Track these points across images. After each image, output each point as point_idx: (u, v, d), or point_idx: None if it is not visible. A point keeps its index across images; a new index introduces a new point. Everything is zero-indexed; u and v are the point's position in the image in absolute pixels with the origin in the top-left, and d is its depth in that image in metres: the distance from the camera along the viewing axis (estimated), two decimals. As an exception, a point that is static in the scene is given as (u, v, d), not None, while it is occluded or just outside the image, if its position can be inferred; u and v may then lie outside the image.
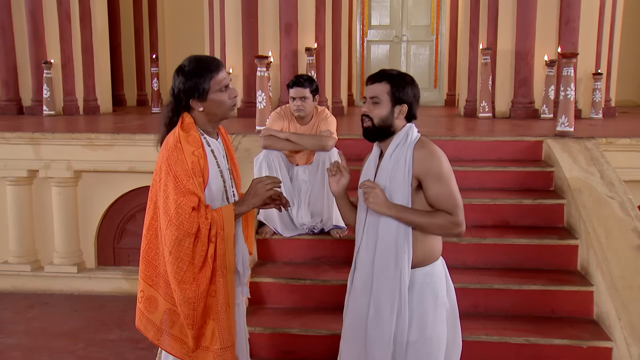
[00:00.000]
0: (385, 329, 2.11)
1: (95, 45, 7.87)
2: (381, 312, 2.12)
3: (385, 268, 2.12)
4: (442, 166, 2.08)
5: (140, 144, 5.14)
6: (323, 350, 3.17)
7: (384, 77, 2.14)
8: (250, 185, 2.16)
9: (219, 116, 2.11)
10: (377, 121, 2.13)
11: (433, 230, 2.11)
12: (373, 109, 2.14)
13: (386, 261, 2.12)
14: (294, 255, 3.79)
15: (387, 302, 2.11)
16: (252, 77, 6.35)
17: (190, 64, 2.06)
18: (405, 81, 2.15)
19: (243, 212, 2.14)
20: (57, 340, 4.46)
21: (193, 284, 2.01)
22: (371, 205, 2.08)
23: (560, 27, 6.57)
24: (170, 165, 1.99)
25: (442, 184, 2.07)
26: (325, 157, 3.68)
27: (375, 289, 2.14)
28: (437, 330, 2.14)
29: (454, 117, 7.24)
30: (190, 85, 2.03)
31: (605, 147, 4.49)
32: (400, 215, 2.08)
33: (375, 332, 2.13)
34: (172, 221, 1.97)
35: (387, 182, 2.13)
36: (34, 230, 5.67)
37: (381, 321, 2.12)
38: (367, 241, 2.18)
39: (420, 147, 2.11)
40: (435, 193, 2.08)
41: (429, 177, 2.07)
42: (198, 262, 2.02)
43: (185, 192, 1.97)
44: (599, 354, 3.08)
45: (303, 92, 3.63)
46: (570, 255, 3.65)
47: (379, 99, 2.13)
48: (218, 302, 2.07)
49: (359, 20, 9.76)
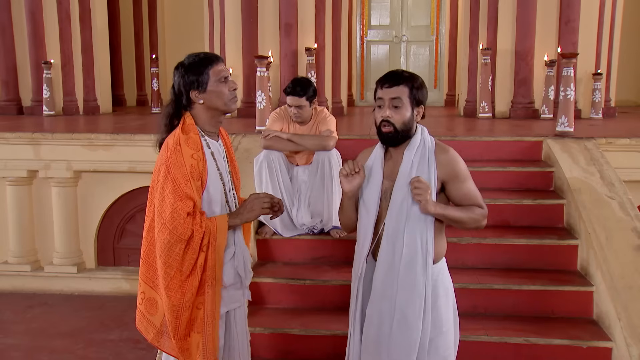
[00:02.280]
0: (413, 332, 2.09)
1: (95, 45, 7.87)
2: (408, 316, 2.09)
3: (411, 272, 2.09)
4: (464, 167, 2.15)
5: (140, 144, 5.14)
6: (323, 351, 3.17)
7: (402, 79, 2.10)
8: (248, 199, 2.16)
9: (220, 109, 2.10)
10: (400, 126, 2.10)
11: (470, 225, 2.15)
12: (394, 114, 2.09)
13: (413, 265, 2.09)
14: (294, 255, 3.79)
15: (414, 306, 2.09)
16: (252, 77, 6.36)
17: (189, 58, 2.09)
18: (420, 82, 2.13)
19: (236, 225, 2.13)
20: (57, 340, 4.46)
21: (179, 292, 1.99)
22: (422, 203, 2.03)
23: (560, 27, 6.57)
24: (169, 167, 1.98)
25: (467, 183, 2.15)
26: (325, 157, 3.69)
27: (399, 293, 2.11)
28: (451, 324, 2.19)
29: (453, 117, 7.24)
30: (190, 76, 2.05)
31: (605, 147, 4.49)
32: (445, 213, 2.09)
33: (403, 337, 2.10)
34: (166, 225, 1.96)
35: (409, 187, 2.08)
36: (33, 231, 5.67)
37: (409, 325, 2.09)
38: (386, 248, 2.13)
39: (441, 152, 2.15)
40: (464, 192, 2.14)
41: (456, 179, 2.13)
42: (186, 269, 1.99)
43: (183, 196, 1.96)
44: (599, 354, 3.08)
45: (299, 102, 3.64)
46: (570, 256, 3.65)
47: (400, 102, 2.09)
48: (205, 314, 2.05)
49: (359, 20, 9.76)
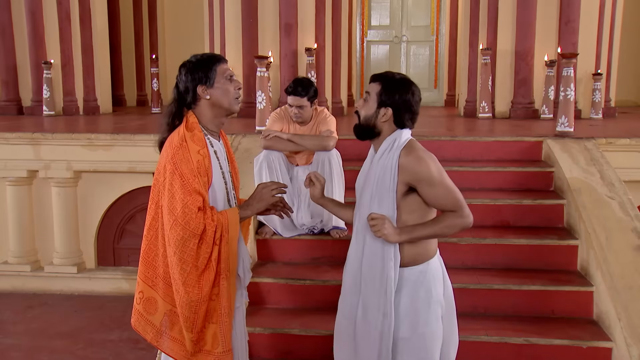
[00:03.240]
0: (372, 328, 2.14)
1: (95, 45, 7.87)
2: (368, 313, 2.15)
3: (372, 272, 2.14)
4: (430, 170, 2.06)
5: (140, 144, 5.14)
6: (323, 351, 3.16)
7: (379, 78, 2.15)
8: (256, 190, 2.18)
9: (224, 107, 2.12)
10: (362, 119, 2.17)
11: (447, 233, 2.12)
12: (361, 105, 2.17)
13: (373, 266, 2.14)
14: (294, 255, 3.79)
15: (374, 304, 2.14)
16: (252, 78, 6.35)
17: (196, 56, 2.12)
18: (396, 85, 2.11)
19: (247, 217, 2.16)
20: (57, 341, 4.46)
21: (196, 287, 2.00)
22: (383, 237, 2.06)
23: (560, 27, 6.57)
24: (175, 163, 1.98)
25: (436, 187, 2.07)
26: (324, 157, 3.68)
27: (363, 290, 2.17)
28: (432, 327, 2.16)
29: (453, 118, 7.24)
30: (198, 72, 2.07)
31: (605, 147, 4.49)
32: (412, 237, 2.08)
33: (363, 332, 2.17)
34: (178, 221, 1.96)
35: (374, 188, 2.13)
36: (33, 231, 5.67)
37: (368, 321, 2.15)
38: (356, 245, 2.21)
39: (406, 154, 2.08)
40: (433, 196, 2.08)
41: (422, 183, 2.07)
42: (201, 264, 2.01)
43: (192, 191, 1.97)
44: (599, 354, 3.07)
45: (300, 102, 3.64)
46: (570, 256, 3.65)
47: (368, 96, 2.15)
48: (221, 305, 2.06)
49: (359, 20, 9.76)
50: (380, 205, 2.11)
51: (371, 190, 2.14)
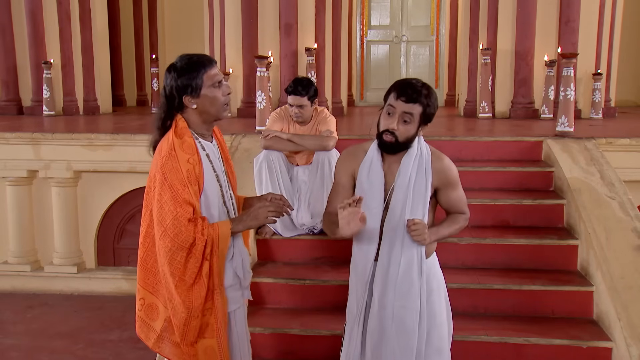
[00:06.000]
0: (410, 339, 2.19)
1: (95, 45, 7.87)
2: (406, 323, 2.19)
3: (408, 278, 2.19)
4: (457, 174, 2.25)
5: (140, 144, 5.13)
6: (323, 351, 3.16)
7: (419, 98, 2.13)
8: (254, 206, 2.12)
9: (213, 115, 2.06)
10: (402, 139, 2.17)
11: (456, 234, 2.31)
12: (401, 127, 2.14)
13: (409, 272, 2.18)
14: (294, 255, 3.79)
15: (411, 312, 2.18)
16: (252, 77, 6.35)
17: (182, 60, 2.02)
18: (434, 101, 2.17)
19: (239, 231, 2.11)
20: (57, 341, 4.47)
21: (187, 300, 1.97)
22: (422, 242, 2.15)
23: (560, 27, 6.56)
24: (165, 174, 1.94)
25: (457, 190, 2.26)
26: (324, 157, 3.69)
27: (397, 300, 2.20)
28: (443, 317, 2.28)
29: (453, 117, 7.24)
30: (183, 81, 1.98)
31: (605, 147, 4.49)
32: (437, 238, 2.24)
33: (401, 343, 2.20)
34: (167, 232, 1.93)
35: (408, 197, 2.18)
36: (33, 231, 5.67)
37: (407, 332, 2.19)
38: (386, 253, 2.21)
39: (436, 160, 2.23)
40: (453, 199, 2.27)
41: (449, 186, 2.24)
42: (189, 278, 1.97)
43: (182, 201, 1.92)
44: (599, 354, 3.07)
45: (300, 101, 3.64)
46: (570, 256, 3.65)
47: (411, 118, 2.14)
48: (217, 320, 2.04)
49: (359, 20, 9.76)
50: (414, 210, 2.18)
51: (404, 199, 2.18)
